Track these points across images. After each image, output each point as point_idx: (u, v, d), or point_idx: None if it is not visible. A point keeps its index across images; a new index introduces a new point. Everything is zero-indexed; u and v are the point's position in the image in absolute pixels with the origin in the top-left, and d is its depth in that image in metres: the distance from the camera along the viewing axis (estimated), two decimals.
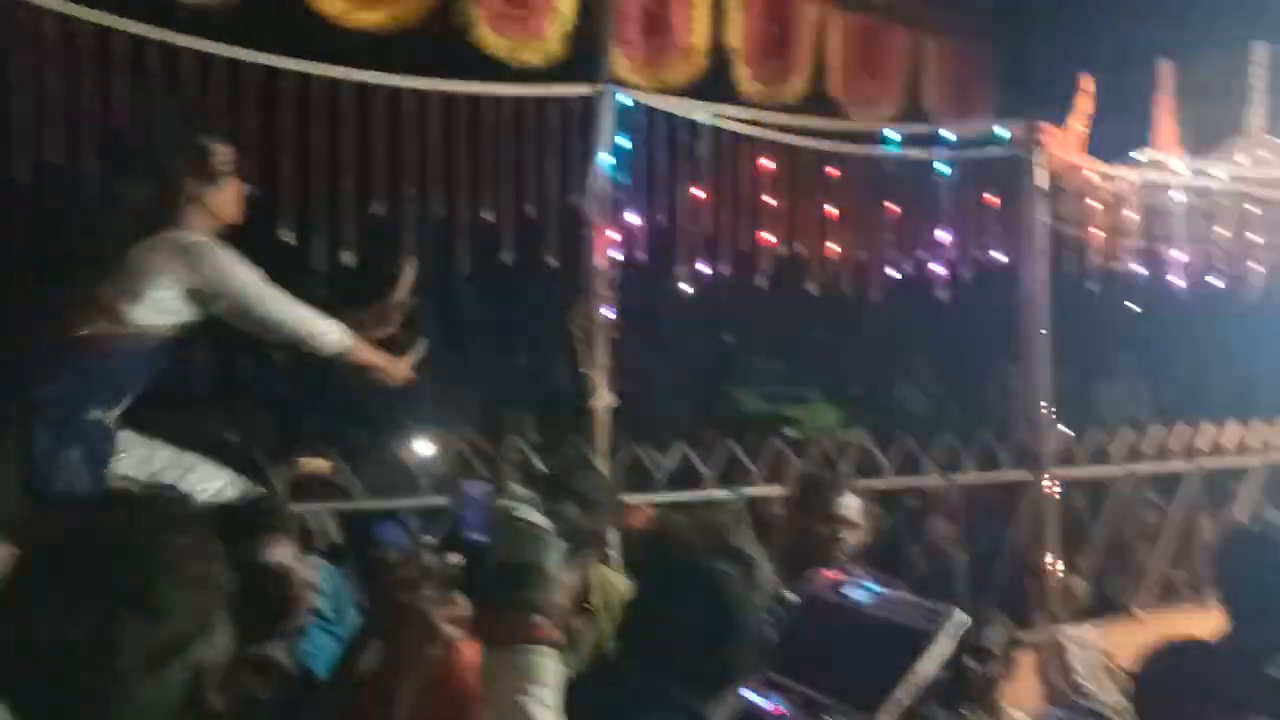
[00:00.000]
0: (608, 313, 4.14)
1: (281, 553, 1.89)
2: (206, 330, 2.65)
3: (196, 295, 2.56)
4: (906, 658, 2.00)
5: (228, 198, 2.67)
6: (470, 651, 1.62)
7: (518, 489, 1.58)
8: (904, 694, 1.95)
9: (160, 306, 2.54)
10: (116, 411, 2.60)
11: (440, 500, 3.76)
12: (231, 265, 2.57)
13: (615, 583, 2.78)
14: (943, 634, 1.98)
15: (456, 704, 1.56)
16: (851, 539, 2.80)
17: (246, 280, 2.58)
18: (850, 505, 2.83)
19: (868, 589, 2.27)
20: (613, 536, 3.22)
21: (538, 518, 1.49)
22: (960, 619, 1.99)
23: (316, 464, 3.79)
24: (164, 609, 1.08)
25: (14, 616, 1.06)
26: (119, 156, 2.98)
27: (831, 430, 7.39)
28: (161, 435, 2.71)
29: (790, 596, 1.87)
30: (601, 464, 4.03)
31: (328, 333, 2.67)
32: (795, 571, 2.22)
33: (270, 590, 1.86)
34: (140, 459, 2.58)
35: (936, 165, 4.60)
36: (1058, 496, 4.69)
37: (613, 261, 4.13)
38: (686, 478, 4.37)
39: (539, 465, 3.90)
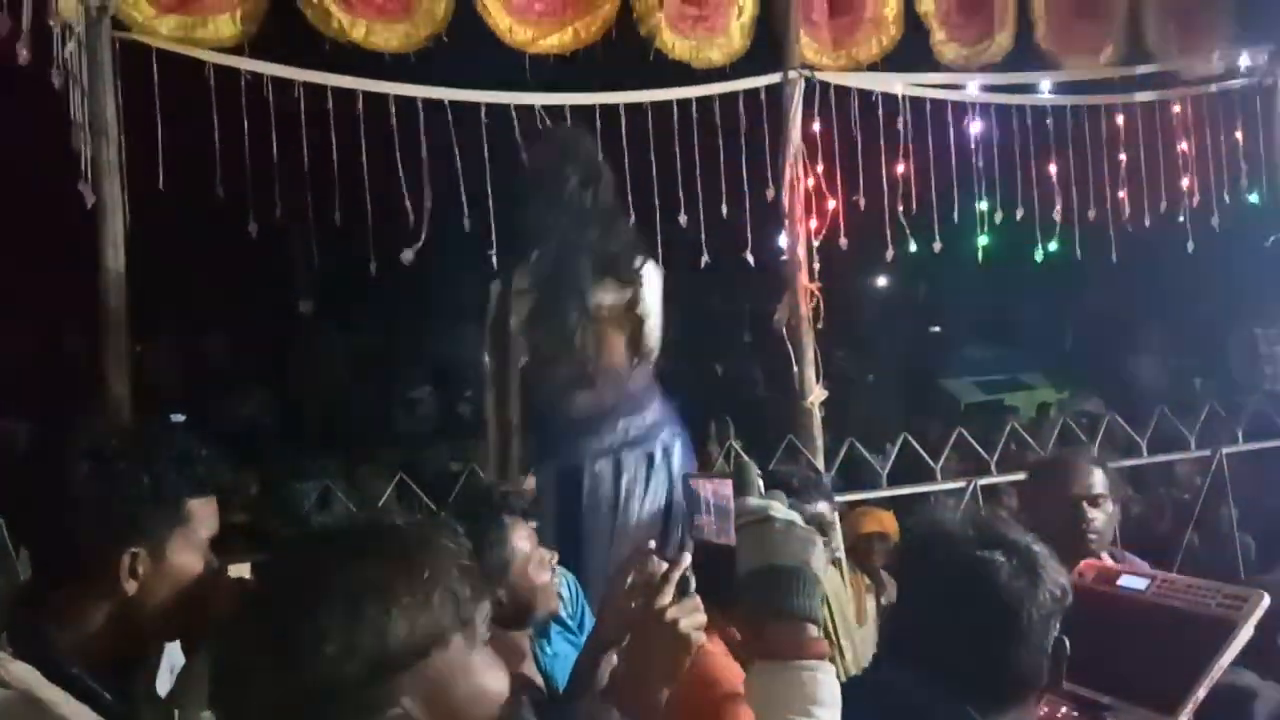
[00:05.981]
0: (811, 307, 4.01)
1: (520, 539, 1.88)
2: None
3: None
4: (1207, 648, 1.79)
5: None
6: (725, 662, 1.51)
7: (760, 485, 1.44)
8: (1204, 689, 1.73)
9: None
10: None
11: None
12: None
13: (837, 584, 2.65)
14: (1247, 619, 1.76)
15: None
16: (1099, 519, 2.41)
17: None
18: (1095, 481, 2.44)
19: (1144, 576, 2.04)
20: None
21: (796, 516, 1.35)
22: (1264, 601, 1.75)
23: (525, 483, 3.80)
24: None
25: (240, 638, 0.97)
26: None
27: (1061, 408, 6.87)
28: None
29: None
30: (819, 462, 3.90)
31: None
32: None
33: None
34: None
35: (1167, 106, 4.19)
36: None
37: (814, 253, 4.01)
38: (903, 474, 4.16)
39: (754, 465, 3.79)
